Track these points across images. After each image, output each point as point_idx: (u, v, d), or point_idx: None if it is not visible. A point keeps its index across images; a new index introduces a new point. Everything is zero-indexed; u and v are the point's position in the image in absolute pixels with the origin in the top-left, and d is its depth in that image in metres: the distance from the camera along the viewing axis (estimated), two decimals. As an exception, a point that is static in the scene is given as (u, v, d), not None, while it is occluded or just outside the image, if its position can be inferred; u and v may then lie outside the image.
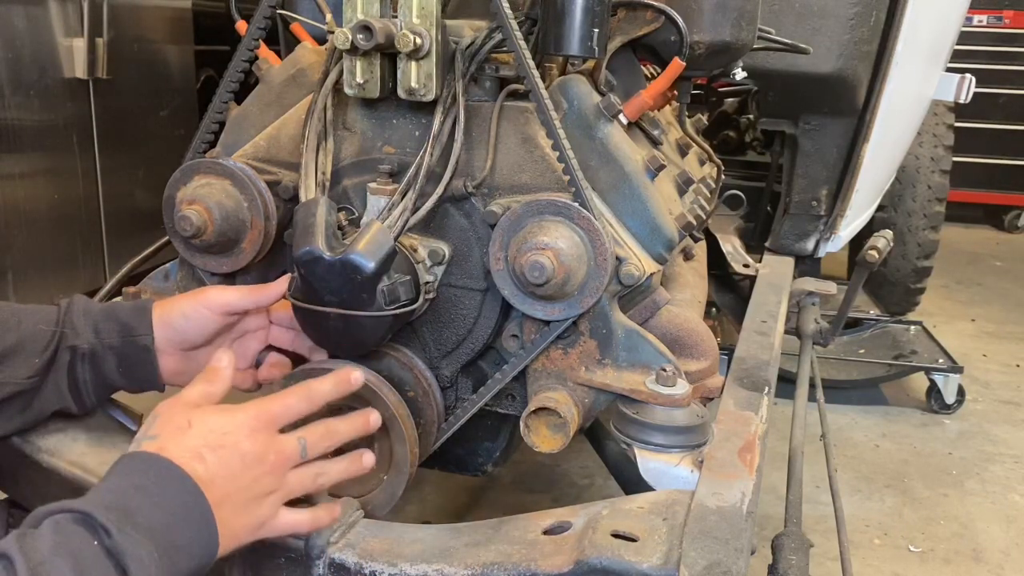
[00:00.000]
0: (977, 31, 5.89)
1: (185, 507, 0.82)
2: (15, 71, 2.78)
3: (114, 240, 3.28)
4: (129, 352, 1.11)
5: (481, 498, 2.55)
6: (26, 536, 0.73)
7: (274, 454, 0.91)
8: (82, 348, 1.10)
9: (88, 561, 0.73)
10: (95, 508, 0.76)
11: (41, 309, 1.12)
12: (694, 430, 1.13)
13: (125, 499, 0.79)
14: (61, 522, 0.75)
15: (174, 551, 0.79)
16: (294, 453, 0.94)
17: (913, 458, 2.93)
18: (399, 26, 1.14)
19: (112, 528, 0.75)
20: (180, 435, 0.87)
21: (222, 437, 0.88)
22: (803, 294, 2.20)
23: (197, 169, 1.25)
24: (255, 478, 0.89)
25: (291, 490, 0.94)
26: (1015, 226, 6.41)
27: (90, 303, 1.15)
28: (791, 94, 2.21)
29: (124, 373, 1.12)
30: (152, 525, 0.78)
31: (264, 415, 0.93)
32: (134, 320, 1.12)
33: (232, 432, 0.89)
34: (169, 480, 0.83)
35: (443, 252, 1.22)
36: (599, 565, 0.88)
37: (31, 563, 0.70)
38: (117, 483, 0.81)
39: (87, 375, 1.11)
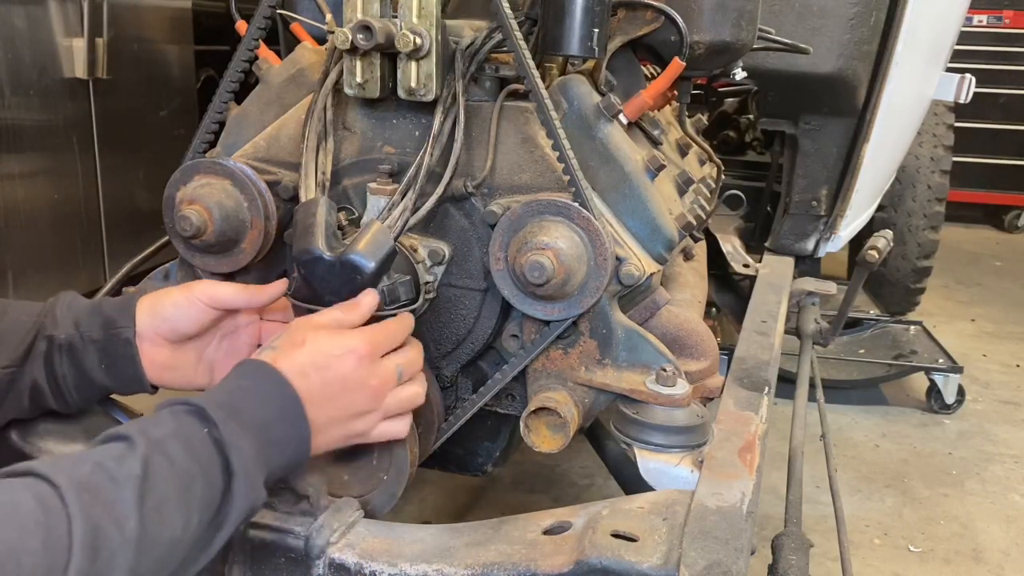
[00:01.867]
0: (977, 31, 5.89)
1: (283, 411, 0.92)
2: (15, 71, 2.78)
3: (114, 240, 3.28)
4: (110, 346, 1.10)
5: (481, 498, 2.55)
6: (146, 421, 0.84)
7: (376, 379, 1.01)
8: (59, 339, 1.08)
9: (197, 445, 0.83)
10: (207, 403, 0.86)
11: (29, 304, 1.12)
12: (694, 430, 1.13)
13: (233, 398, 0.90)
14: (177, 412, 0.86)
15: (269, 446, 0.90)
16: (392, 378, 1.03)
17: (913, 458, 2.93)
18: (399, 26, 1.14)
19: (219, 421, 0.85)
20: (293, 350, 0.97)
21: (329, 358, 0.97)
22: (803, 294, 2.20)
23: (197, 169, 1.25)
24: (353, 400, 0.99)
25: (388, 410, 1.04)
26: (1015, 226, 6.41)
27: (77, 298, 1.14)
28: (791, 94, 2.21)
29: (107, 369, 1.10)
30: (253, 422, 0.88)
31: (371, 342, 1.01)
32: (117, 313, 1.11)
33: (340, 355, 0.98)
34: (273, 386, 0.93)
35: (443, 252, 1.22)
36: (599, 565, 0.88)
37: (149, 441, 0.79)
38: (230, 384, 0.92)
39: (66, 369, 1.09)
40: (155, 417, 0.86)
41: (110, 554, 0.71)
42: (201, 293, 1.12)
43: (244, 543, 0.99)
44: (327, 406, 0.96)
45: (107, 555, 0.71)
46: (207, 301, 1.12)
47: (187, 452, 0.81)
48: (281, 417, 0.92)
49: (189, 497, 0.80)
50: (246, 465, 0.85)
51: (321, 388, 0.95)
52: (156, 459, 0.78)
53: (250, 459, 0.86)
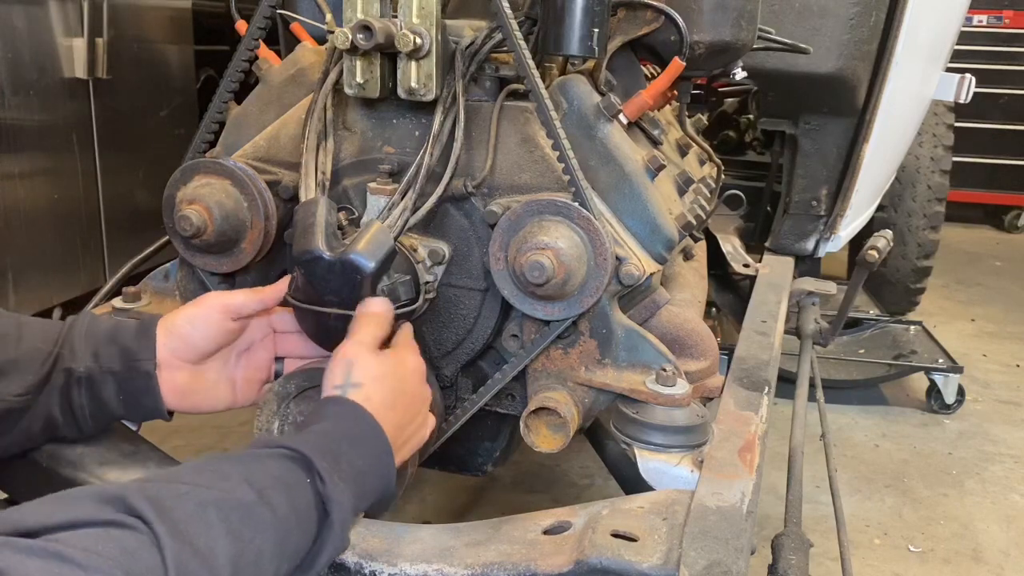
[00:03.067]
0: (977, 31, 5.89)
1: (378, 462, 0.95)
2: (15, 71, 2.78)
3: (114, 240, 3.28)
4: (129, 378, 1.07)
5: (481, 498, 2.55)
6: (250, 462, 0.84)
7: (428, 390, 1.11)
8: (78, 372, 1.05)
9: (300, 498, 0.84)
10: (313, 453, 0.87)
11: (47, 325, 1.09)
12: (694, 430, 1.13)
13: (336, 446, 0.91)
14: (281, 457, 0.86)
15: (362, 496, 0.93)
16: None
17: (913, 458, 2.93)
18: (399, 26, 1.14)
19: (325, 476, 0.86)
20: (380, 383, 1.01)
21: (404, 384, 1.05)
22: (803, 294, 2.19)
23: (197, 169, 1.25)
24: (419, 412, 1.07)
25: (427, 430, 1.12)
26: (1015, 226, 6.41)
27: (96, 323, 1.11)
28: (791, 94, 2.21)
29: (125, 401, 1.08)
30: (353, 474, 0.90)
31: (423, 364, 1.11)
32: (136, 344, 1.08)
33: (413, 374, 1.07)
34: (371, 435, 0.96)
35: (443, 252, 1.22)
36: (599, 565, 0.88)
37: (255, 487, 0.80)
38: (330, 429, 0.93)
39: (84, 400, 1.07)
40: (258, 459, 0.85)
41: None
42: (213, 302, 1.12)
43: (244, 543, 0.99)
44: (407, 429, 1.04)
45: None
46: (220, 309, 1.11)
47: (288, 502, 0.82)
48: (376, 469, 0.95)
49: (284, 547, 0.81)
50: (344, 518, 0.87)
51: (403, 413, 1.02)
52: (258, 511, 0.78)
53: (348, 512, 0.88)
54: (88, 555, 0.65)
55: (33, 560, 0.63)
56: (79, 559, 0.64)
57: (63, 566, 0.63)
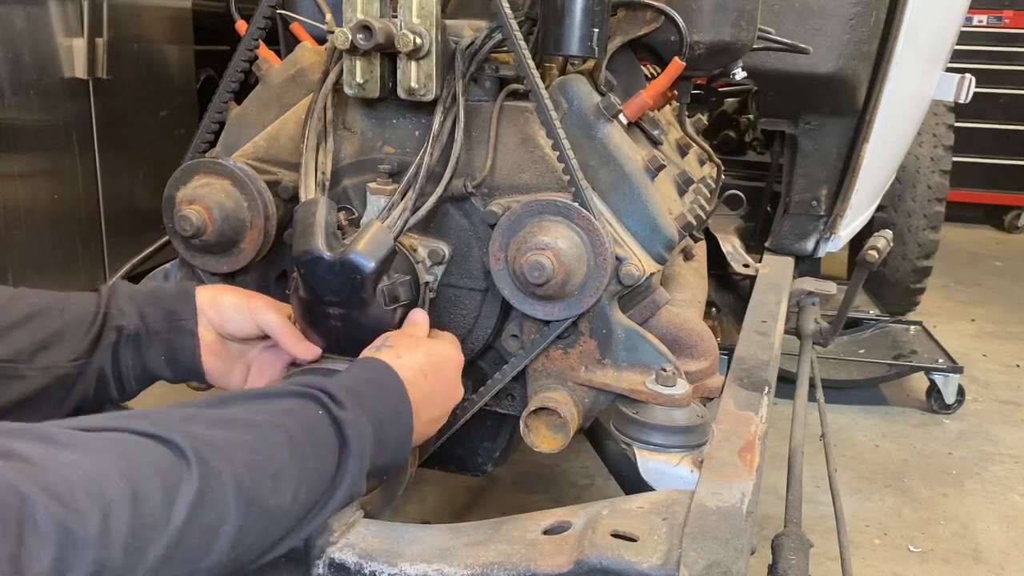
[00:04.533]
0: (977, 31, 5.89)
1: (397, 412, 0.97)
2: (15, 71, 2.78)
3: (114, 240, 3.28)
4: (173, 337, 1.13)
5: (481, 498, 2.55)
6: (265, 396, 0.88)
7: (461, 387, 1.13)
8: (128, 329, 1.10)
9: (316, 426, 0.86)
10: (334, 386, 0.90)
11: (84, 296, 1.13)
12: (694, 430, 1.13)
13: (360, 387, 0.94)
14: (296, 393, 0.89)
15: (379, 443, 0.93)
16: None
17: (913, 458, 2.93)
18: (399, 26, 1.14)
19: (345, 402, 0.89)
20: (412, 350, 1.05)
21: (444, 363, 1.08)
22: (803, 294, 2.19)
23: (197, 169, 1.25)
24: (447, 401, 1.09)
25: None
26: (1015, 226, 6.41)
27: (133, 287, 1.17)
28: (791, 94, 2.21)
29: (168, 359, 1.13)
30: (372, 414, 0.92)
31: (462, 360, 1.15)
32: (178, 305, 1.14)
33: (449, 361, 1.10)
34: (394, 386, 0.98)
35: (443, 252, 1.22)
36: (599, 565, 0.88)
37: (268, 414, 0.83)
38: (357, 374, 0.97)
39: (130, 359, 1.11)
40: (277, 392, 0.89)
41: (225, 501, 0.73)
42: (254, 310, 1.15)
43: (244, 543, 0.99)
44: (432, 407, 1.05)
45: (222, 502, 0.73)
46: (256, 318, 1.15)
47: (302, 428, 0.84)
48: (395, 419, 0.97)
49: (302, 469, 0.82)
50: (363, 450, 0.88)
51: (433, 388, 1.04)
52: (271, 431, 0.81)
53: (367, 444, 0.89)
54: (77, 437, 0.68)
55: (21, 441, 0.66)
56: (65, 440, 0.67)
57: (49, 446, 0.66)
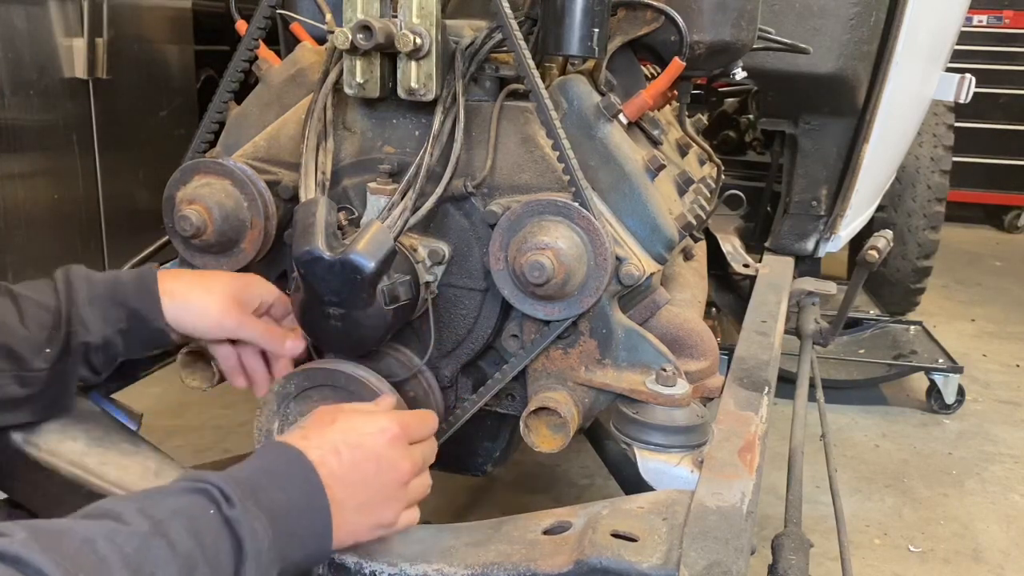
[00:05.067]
0: (977, 31, 5.89)
1: (306, 497, 0.86)
2: (15, 71, 2.78)
3: (114, 240, 3.28)
4: (142, 333, 1.14)
5: (481, 498, 2.55)
6: (151, 495, 0.78)
7: (407, 463, 0.97)
8: (95, 343, 1.11)
9: (205, 528, 0.76)
10: (224, 480, 0.80)
11: (38, 288, 1.11)
12: (694, 430, 1.13)
13: (253, 479, 0.84)
14: (187, 489, 0.79)
15: (287, 537, 0.83)
16: (419, 463, 1.00)
17: (913, 458, 2.93)
18: (399, 26, 1.14)
19: (234, 498, 0.79)
20: (323, 429, 0.94)
21: (362, 436, 0.94)
22: (803, 294, 2.19)
23: (197, 169, 1.25)
24: (384, 483, 0.94)
25: (412, 498, 1.00)
26: (1015, 226, 6.41)
27: (93, 284, 1.13)
28: (791, 94, 2.21)
29: (142, 350, 1.17)
30: (272, 507, 0.82)
31: (404, 426, 0.99)
32: (141, 303, 1.13)
33: (373, 435, 0.95)
34: (297, 470, 0.87)
35: (443, 252, 1.22)
36: (599, 565, 0.88)
37: (151, 521, 0.73)
38: (252, 464, 0.87)
39: (101, 359, 1.13)
40: (163, 491, 0.80)
41: None
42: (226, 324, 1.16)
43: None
44: (358, 487, 0.91)
45: None
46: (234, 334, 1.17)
47: (191, 535, 0.74)
48: (304, 506, 0.86)
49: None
50: (259, 549, 0.78)
51: (352, 467, 0.91)
52: (155, 542, 0.72)
53: (265, 543, 0.79)
54: None
55: None
56: None
57: None
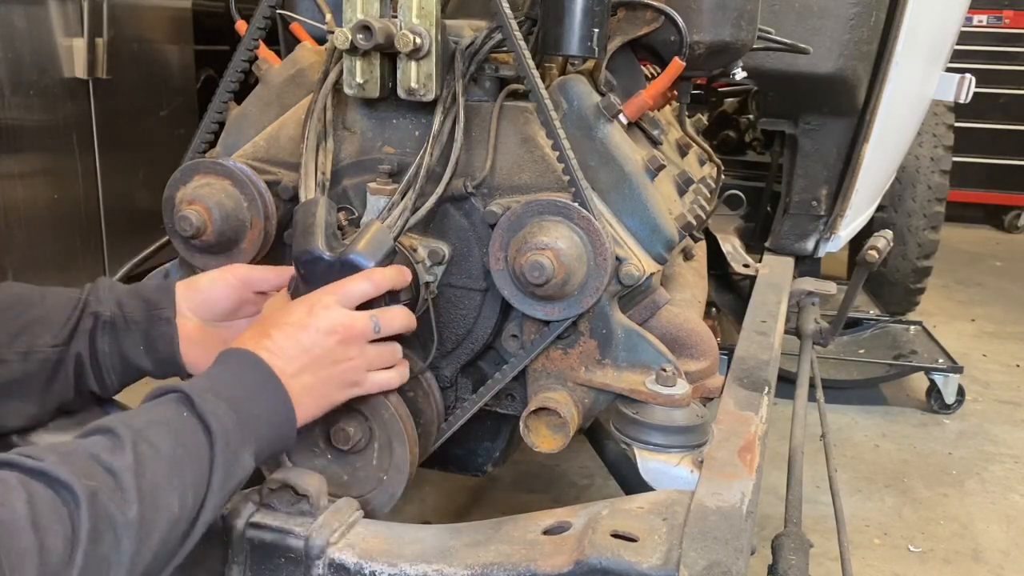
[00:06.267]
0: (977, 31, 5.89)
1: (259, 383, 0.96)
2: (15, 71, 2.78)
3: (114, 240, 3.28)
4: (151, 327, 1.14)
5: (481, 498, 2.55)
6: (129, 413, 0.88)
7: (343, 327, 1.03)
8: (104, 316, 1.12)
9: (180, 427, 0.86)
10: (186, 385, 0.90)
11: (68, 289, 1.15)
12: (694, 430, 1.13)
13: (211, 379, 0.94)
14: (160, 401, 0.90)
15: (253, 420, 0.92)
16: (366, 327, 1.05)
17: (913, 458, 2.93)
18: (399, 26, 1.14)
19: (196, 397, 0.88)
20: (256, 325, 1.04)
21: (287, 316, 1.02)
22: (803, 294, 2.19)
23: (197, 169, 1.25)
24: (328, 348, 1.01)
25: (372, 360, 1.07)
26: (1015, 226, 6.41)
27: (117, 284, 1.18)
28: (791, 94, 2.21)
29: (146, 350, 1.14)
30: (231, 396, 0.92)
31: (330, 293, 1.04)
32: (157, 295, 1.15)
33: (296, 312, 1.03)
34: (249, 365, 0.97)
35: (443, 252, 1.22)
36: (599, 565, 0.88)
37: (133, 431, 0.82)
38: (209, 371, 0.96)
39: (107, 346, 1.12)
40: (138, 408, 0.90)
41: (116, 537, 0.75)
42: (234, 271, 1.18)
43: (244, 543, 0.99)
44: (303, 359, 1.00)
45: (114, 537, 0.75)
46: (239, 277, 1.18)
47: (171, 436, 0.85)
48: (260, 390, 0.95)
49: (180, 478, 0.83)
50: (226, 430, 0.88)
51: (286, 342, 0.99)
52: (142, 447, 0.81)
53: (231, 425, 0.89)
54: None
55: None
56: None
57: None
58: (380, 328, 1.06)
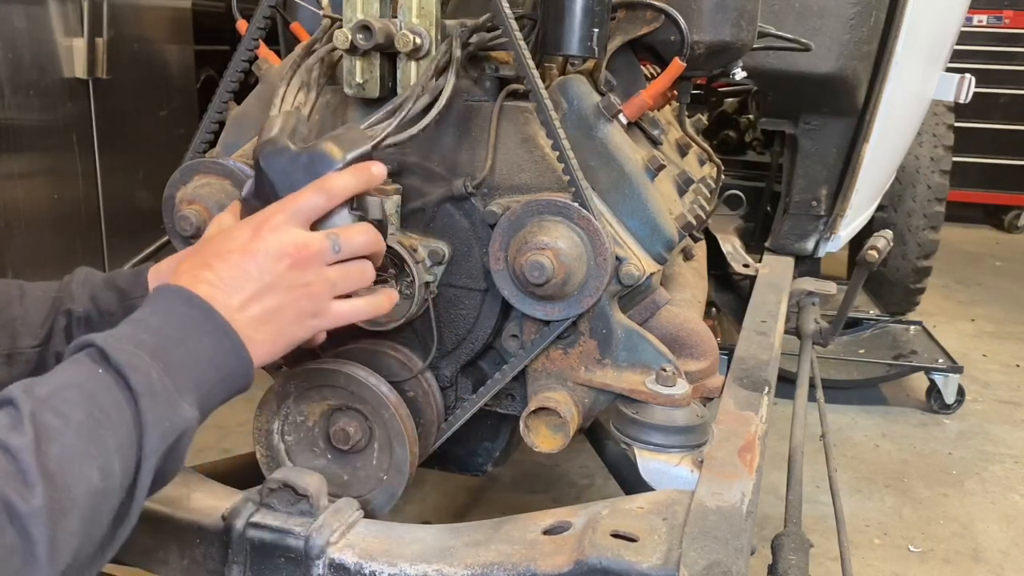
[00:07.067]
0: (977, 31, 5.89)
1: (195, 322, 0.83)
2: (15, 71, 2.78)
3: (114, 240, 3.28)
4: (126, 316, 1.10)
5: (481, 498, 2.55)
6: (32, 380, 0.76)
7: (294, 247, 0.90)
8: (77, 312, 1.09)
9: (94, 386, 0.75)
10: (101, 338, 0.78)
11: (44, 283, 1.14)
12: (694, 430, 1.13)
13: (134, 326, 0.82)
14: (73, 359, 0.78)
15: (191, 365, 0.81)
16: (322, 247, 0.91)
17: (913, 458, 2.93)
18: (399, 26, 1.14)
19: (110, 349, 0.77)
20: (194, 254, 0.90)
21: (229, 243, 0.89)
22: (803, 294, 2.19)
23: (197, 169, 1.25)
24: (279, 274, 0.89)
25: (335, 283, 0.93)
26: (1015, 226, 6.41)
27: (93, 273, 1.15)
28: (791, 94, 2.21)
29: None
30: (158, 343, 0.80)
31: (274, 213, 0.91)
32: (130, 285, 1.12)
33: (239, 236, 0.90)
34: (174, 300, 0.84)
35: (443, 252, 1.22)
36: (599, 565, 0.88)
37: (36, 401, 0.72)
38: (134, 315, 0.84)
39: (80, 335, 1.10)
40: (50, 372, 0.79)
41: (22, 527, 0.66)
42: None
43: (244, 543, 0.99)
44: (249, 289, 0.88)
45: (19, 527, 0.66)
46: None
47: (83, 399, 0.74)
48: (198, 332, 0.83)
49: (99, 445, 0.73)
50: (150, 383, 0.77)
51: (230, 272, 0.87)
52: (46, 417, 0.72)
53: (156, 376, 0.78)
54: None
55: None
56: None
57: None
58: (340, 247, 0.92)
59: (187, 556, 1.04)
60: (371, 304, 0.98)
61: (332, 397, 1.16)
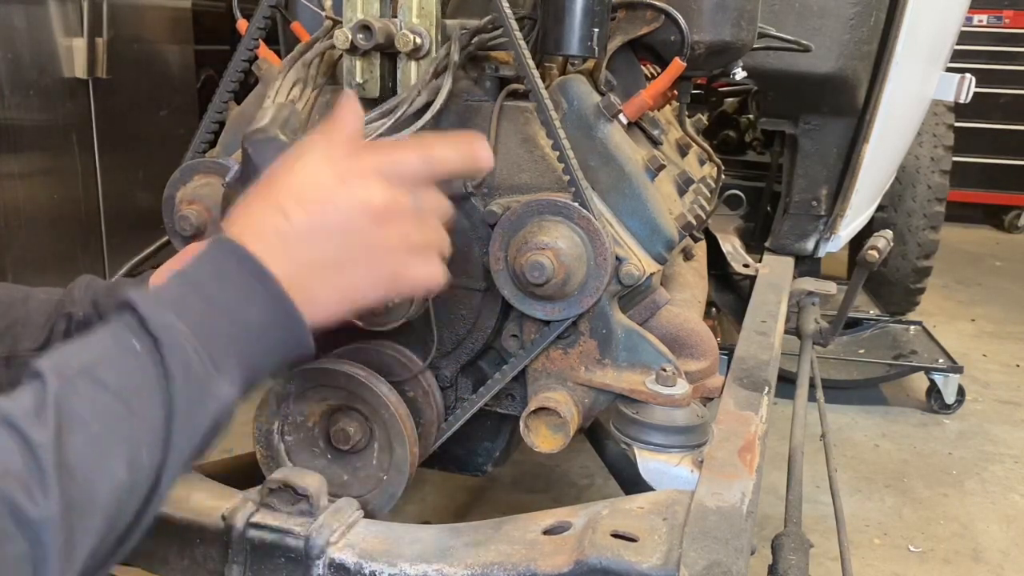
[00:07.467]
0: (977, 31, 5.89)
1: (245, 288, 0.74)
2: (15, 71, 2.78)
3: (114, 240, 3.28)
4: None
5: (481, 498, 2.55)
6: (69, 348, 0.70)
7: (383, 202, 0.79)
8: (77, 316, 1.10)
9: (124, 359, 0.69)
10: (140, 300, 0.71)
11: (50, 289, 1.14)
12: (694, 430, 1.13)
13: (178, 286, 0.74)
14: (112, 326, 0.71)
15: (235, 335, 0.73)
16: (410, 205, 0.82)
17: (913, 458, 2.93)
18: (399, 26, 1.14)
19: (148, 318, 0.70)
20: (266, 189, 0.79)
21: (311, 188, 0.78)
22: (803, 294, 2.19)
23: (197, 169, 1.25)
24: (361, 229, 0.78)
25: (415, 243, 0.82)
26: (1015, 226, 6.41)
27: (96, 280, 1.16)
28: (791, 94, 2.21)
29: None
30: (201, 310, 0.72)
31: (364, 161, 0.80)
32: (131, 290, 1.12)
33: (323, 180, 0.78)
34: (228, 260, 0.75)
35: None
36: (599, 565, 0.88)
37: (61, 381, 0.66)
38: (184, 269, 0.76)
39: None
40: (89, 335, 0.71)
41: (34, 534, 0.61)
42: None
43: (243, 543, 0.99)
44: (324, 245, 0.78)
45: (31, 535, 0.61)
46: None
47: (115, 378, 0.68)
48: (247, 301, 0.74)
49: (127, 435, 0.67)
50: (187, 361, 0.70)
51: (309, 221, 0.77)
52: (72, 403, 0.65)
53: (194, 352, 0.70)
54: None
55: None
56: None
57: None
58: (423, 210, 0.84)
59: (187, 556, 1.04)
60: (445, 275, 0.86)
61: (332, 397, 1.16)
